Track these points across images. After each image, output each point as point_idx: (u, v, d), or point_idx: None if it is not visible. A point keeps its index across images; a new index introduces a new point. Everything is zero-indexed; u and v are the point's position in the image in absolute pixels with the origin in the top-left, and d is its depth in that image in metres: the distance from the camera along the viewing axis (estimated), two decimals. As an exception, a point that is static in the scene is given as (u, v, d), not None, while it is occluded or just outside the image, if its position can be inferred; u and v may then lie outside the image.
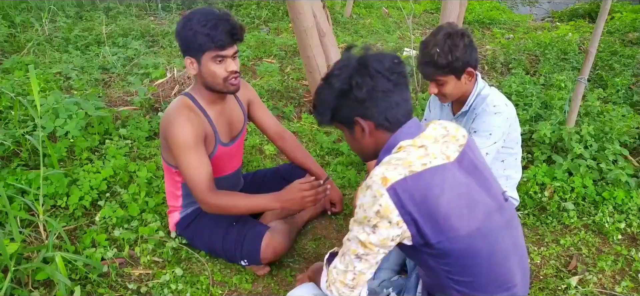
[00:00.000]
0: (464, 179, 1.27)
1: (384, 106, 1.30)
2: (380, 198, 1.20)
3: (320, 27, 3.53)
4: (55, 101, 2.87)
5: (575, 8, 7.36)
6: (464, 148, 1.33)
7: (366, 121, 1.33)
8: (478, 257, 1.25)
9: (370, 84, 1.28)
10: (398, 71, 1.30)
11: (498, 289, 1.30)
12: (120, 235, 2.17)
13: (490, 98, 1.94)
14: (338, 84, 1.31)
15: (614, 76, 3.99)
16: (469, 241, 1.23)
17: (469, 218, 1.23)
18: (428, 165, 1.23)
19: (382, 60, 1.30)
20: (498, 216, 1.30)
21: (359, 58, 1.31)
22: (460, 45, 1.83)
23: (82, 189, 2.39)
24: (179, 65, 4.16)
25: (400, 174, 1.21)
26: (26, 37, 4.92)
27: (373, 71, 1.28)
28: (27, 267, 1.85)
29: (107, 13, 6.17)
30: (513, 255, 1.32)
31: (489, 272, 1.28)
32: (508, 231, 1.32)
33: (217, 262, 2.10)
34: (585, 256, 2.15)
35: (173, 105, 1.90)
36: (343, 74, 1.31)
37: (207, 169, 1.84)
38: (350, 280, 1.32)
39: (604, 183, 2.52)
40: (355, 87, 1.28)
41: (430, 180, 1.22)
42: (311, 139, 3.21)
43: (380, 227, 1.22)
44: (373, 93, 1.28)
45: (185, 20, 1.79)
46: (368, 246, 1.26)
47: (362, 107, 1.31)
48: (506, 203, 1.36)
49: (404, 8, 6.61)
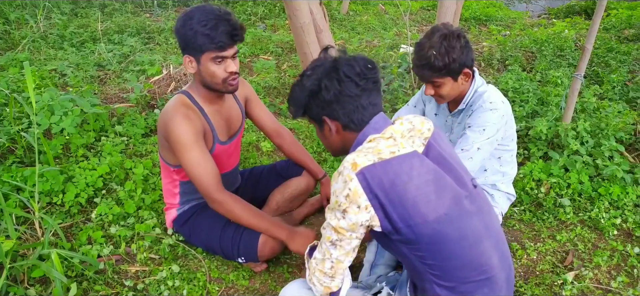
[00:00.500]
0: (431, 166, 1.31)
1: (349, 109, 1.36)
2: (350, 182, 1.25)
3: (317, 24, 3.52)
4: (51, 97, 2.86)
5: (571, 5, 7.38)
6: (430, 141, 1.38)
7: (333, 121, 1.39)
8: (448, 242, 1.29)
9: (338, 88, 1.34)
10: (369, 76, 1.36)
11: (473, 272, 1.32)
12: (116, 232, 2.17)
13: (487, 94, 1.94)
14: (309, 84, 1.38)
15: (610, 72, 4.00)
16: (436, 226, 1.27)
17: (436, 204, 1.27)
18: (396, 153, 1.29)
19: (353, 65, 1.35)
20: (467, 202, 1.33)
21: (332, 61, 1.37)
22: (457, 46, 1.82)
23: (77, 186, 2.38)
24: (175, 62, 4.15)
25: (370, 160, 1.26)
26: (21, 34, 4.89)
27: (342, 75, 1.34)
28: (22, 264, 1.84)
29: (103, 10, 6.14)
30: (486, 239, 1.35)
31: (461, 256, 1.30)
32: (478, 216, 1.35)
33: (214, 259, 2.10)
34: (581, 252, 2.16)
35: (171, 103, 1.89)
36: (314, 74, 1.38)
37: (212, 165, 1.83)
38: (329, 268, 1.37)
39: (600, 179, 2.53)
40: (323, 89, 1.35)
41: (398, 167, 1.26)
42: (308, 135, 3.21)
43: (349, 211, 1.27)
44: (340, 96, 1.35)
45: (185, 19, 1.76)
46: (340, 231, 1.31)
47: (330, 108, 1.37)
48: (476, 189, 1.40)
49: (401, 5, 6.61)
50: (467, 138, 1.90)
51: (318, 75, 1.37)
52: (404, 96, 3.58)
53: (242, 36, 1.80)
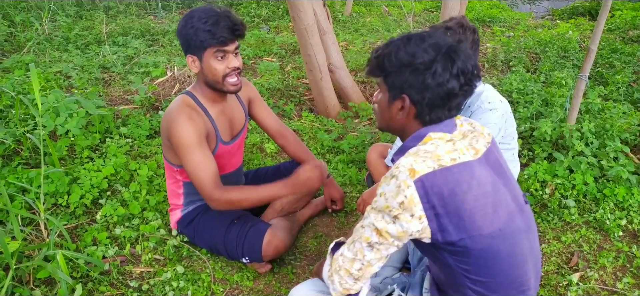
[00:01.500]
0: (490, 177, 1.24)
1: (438, 104, 1.23)
2: (407, 189, 1.16)
3: (321, 25, 3.53)
4: (56, 99, 2.87)
5: (575, 6, 7.36)
6: (490, 146, 1.31)
7: (411, 104, 1.25)
8: (498, 258, 1.23)
9: (446, 78, 1.20)
10: (473, 81, 1.24)
11: (513, 291, 1.28)
12: (121, 233, 2.17)
13: (485, 95, 1.94)
14: (419, 57, 1.20)
15: (615, 73, 3.99)
16: (490, 241, 1.20)
17: (492, 218, 1.20)
18: (457, 160, 1.20)
19: (467, 62, 1.22)
20: (519, 219, 1.27)
21: (450, 46, 1.22)
22: (470, 38, 1.84)
23: (83, 188, 2.39)
24: (179, 64, 4.16)
25: (429, 168, 1.17)
26: (26, 37, 4.92)
27: (457, 69, 1.20)
28: (28, 265, 1.85)
29: (107, 12, 6.17)
30: (529, 259, 1.30)
31: (507, 274, 1.25)
32: (527, 235, 1.30)
33: (218, 260, 2.10)
34: (586, 253, 2.15)
35: (174, 104, 1.90)
36: (430, 50, 1.20)
37: (212, 166, 1.84)
38: (357, 269, 1.28)
39: (604, 180, 2.52)
40: (431, 72, 1.20)
41: (458, 176, 1.18)
42: (312, 137, 3.21)
43: (401, 219, 1.18)
44: (441, 87, 1.20)
45: (186, 19, 1.79)
46: (384, 235, 1.22)
47: (419, 92, 1.22)
48: (526, 206, 1.34)
49: (404, 6, 6.61)
50: None
51: (433, 53, 1.20)
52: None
53: (243, 32, 1.82)
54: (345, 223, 2.37)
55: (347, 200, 2.49)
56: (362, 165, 2.84)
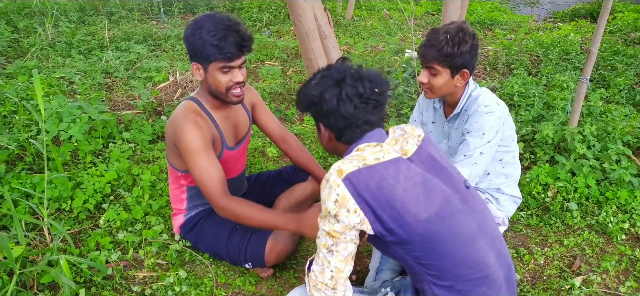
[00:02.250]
0: (419, 170, 1.34)
1: (342, 126, 1.40)
2: (337, 188, 1.29)
3: (322, 30, 3.54)
4: (59, 105, 2.89)
5: (576, 8, 7.36)
6: (421, 143, 1.42)
7: (326, 129, 1.45)
8: (440, 240, 1.30)
9: (335, 104, 1.38)
10: (371, 99, 1.39)
11: (469, 270, 1.32)
12: (124, 238, 2.18)
13: (482, 98, 1.95)
14: (312, 91, 1.43)
15: (617, 75, 3.98)
16: (428, 225, 1.29)
17: (426, 204, 1.30)
18: (381, 159, 1.32)
19: (357, 85, 1.38)
20: (458, 202, 1.36)
21: (338, 76, 1.40)
22: (469, 43, 1.85)
23: (86, 193, 2.40)
24: (182, 68, 4.18)
25: (355, 166, 1.30)
26: (29, 42, 4.95)
27: (343, 94, 1.37)
28: (32, 270, 1.86)
29: (110, 17, 6.20)
30: (480, 237, 1.36)
31: (454, 254, 1.31)
32: (471, 215, 1.36)
33: (220, 264, 2.11)
34: (589, 257, 2.15)
35: (180, 109, 1.90)
36: (320, 83, 1.42)
37: (219, 172, 1.84)
38: (329, 279, 1.36)
39: (607, 183, 2.52)
40: (323, 101, 1.40)
41: (383, 171, 1.30)
42: (314, 141, 3.22)
43: (340, 216, 1.30)
44: (336, 113, 1.39)
45: (195, 27, 1.76)
46: (334, 235, 1.33)
47: (326, 119, 1.43)
48: (468, 190, 1.42)
49: (405, 10, 6.62)
50: (468, 144, 1.90)
51: (322, 86, 1.41)
52: (408, 100, 3.58)
53: (251, 47, 1.81)
54: (347, 226, 2.37)
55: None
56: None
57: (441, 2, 7.11)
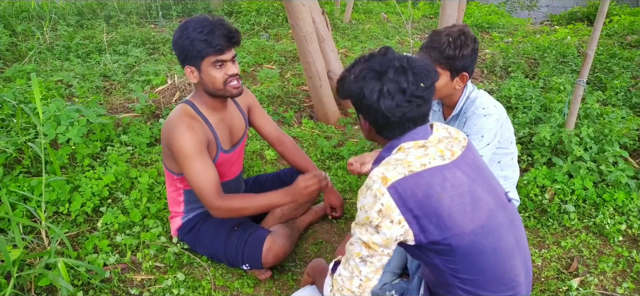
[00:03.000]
0: (465, 178, 1.28)
1: (382, 123, 1.32)
2: (382, 197, 1.21)
3: (320, 33, 3.55)
4: (57, 108, 2.89)
5: (573, 11, 7.40)
6: (466, 149, 1.35)
7: (366, 122, 1.37)
8: (483, 254, 1.25)
9: (375, 101, 1.28)
10: (415, 96, 1.28)
11: (502, 287, 1.30)
12: (122, 241, 2.18)
13: (479, 100, 1.96)
14: (352, 85, 1.32)
15: (613, 78, 4.00)
16: (474, 238, 1.23)
17: (472, 215, 1.24)
18: (427, 165, 1.25)
19: (400, 81, 1.26)
20: (501, 215, 1.30)
21: (380, 68, 1.29)
22: (470, 46, 1.86)
23: (84, 196, 2.40)
24: (180, 72, 4.18)
25: (400, 174, 1.22)
26: (27, 46, 4.95)
27: (384, 91, 1.27)
28: (29, 273, 1.85)
29: (108, 21, 6.20)
30: (516, 253, 1.33)
31: (494, 270, 1.28)
32: (511, 230, 1.32)
33: (218, 267, 2.11)
34: (586, 258, 2.15)
35: (174, 113, 1.91)
36: (360, 76, 1.31)
37: (213, 175, 1.85)
38: (357, 287, 1.31)
39: (604, 185, 2.53)
40: (363, 96, 1.30)
41: (430, 179, 1.23)
42: (312, 143, 3.22)
43: (382, 227, 1.22)
44: (377, 110, 1.29)
45: (181, 30, 1.80)
46: (372, 247, 1.26)
47: (366, 114, 1.34)
48: (509, 203, 1.37)
49: (403, 13, 6.64)
50: None
51: (363, 80, 1.31)
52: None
53: (239, 39, 1.83)
54: (345, 229, 2.38)
55: (347, 207, 2.49)
56: (362, 171, 2.85)
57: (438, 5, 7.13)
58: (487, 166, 1.43)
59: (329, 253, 2.22)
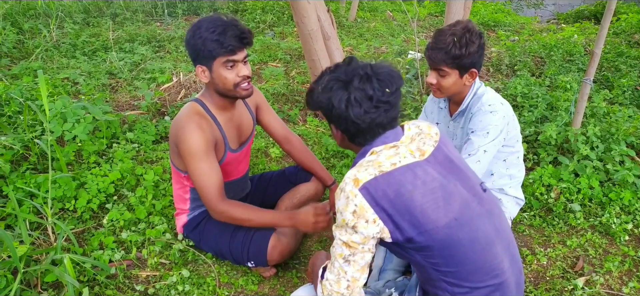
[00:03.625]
0: (437, 174, 1.31)
1: (353, 131, 1.35)
2: (354, 198, 1.26)
3: (325, 31, 3.54)
4: (63, 105, 2.90)
5: (580, 9, 7.35)
6: (438, 144, 1.38)
7: (338, 130, 1.41)
8: (460, 246, 1.28)
9: (344, 109, 1.32)
10: (382, 101, 1.32)
11: (485, 276, 1.31)
12: (127, 237, 2.19)
13: (486, 97, 1.95)
14: (321, 96, 1.37)
15: (620, 77, 3.97)
16: (448, 232, 1.26)
17: (445, 210, 1.27)
18: (398, 164, 1.28)
19: (366, 88, 1.31)
20: (476, 205, 1.33)
21: (346, 78, 1.33)
22: (476, 43, 1.85)
23: (89, 193, 2.41)
24: (185, 69, 4.20)
25: (371, 174, 1.26)
26: (34, 44, 4.98)
27: (352, 99, 1.31)
28: (36, 269, 1.87)
29: (114, 19, 6.23)
30: (497, 242, 1.34)
31: (473, 260, 1.30)
32: (489, 219, 1.34)
33: (223, 264, 2.11)
34: (592, 257, 2.14)
35: (183, 111, 1.91)
36: (328, 87, 1.35)
37: (218, 176, 1.85)
38: (345, 288, 1.34)
39: (610, 184, 2.51)
40: (332, 106, 1.34)
41: (401, 177, 1.26)
42: (317, 141, 3.22)
43: (358, 227, 1.27)
44: (346, 116, 1.33)
45: (194, 29, 1.79)
46: (352, 245, 1.30)
47: (337, 121, 1.38)
48: (485, 193, 1.39)
49: (409, 11, 6.62)
50: (472, 143, 1.90)
51: (330, 91, 1.35)
52: (412, 101, 3.58)
53: (251, 40, 1.83)
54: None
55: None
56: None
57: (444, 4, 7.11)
58: (462, 158, 1.45)
59: (334, 250, 2.22)
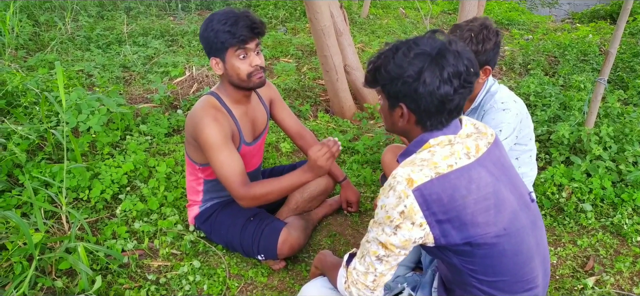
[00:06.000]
0: (490, 178, 1.24)
1: (434, 111, 1.23)
2: (406, 199, 1.18)
3: (338, 27, 3.55)
4: (78, 97, 2.95)
5: (595, 9, 7.25)
6: (492, 146, 1.32)
7: (410, 111, 1.27)
8: (503, 257, 1.24)
9: (436, 86, 1.19)
10: (468, 81, 1.22)
11: (520, 288, 1.29)
12: (140, 228, 2.22)
13: (499, 95, 1.94)
14: (407, 69, 1.21)
15: (635, 77, 3.92)
16: (495, 241, 1.21)
17: (496, 218, 1.21)
18: (454, 166, 1.21)
19: (458, 64, 1.20)
20: (524, 216, 1.28)
21: (437, 51, 1.20)
22: (492, 40, 1.84)
23: (103, 183, 2.45)
24: (198, 63, 4.23)
25: (427, 176, 1.18)
26: (50, 36, 5.05)
27: (446, 75, 1.19)
28: (50, 256, 1.91)
29: (128, 13, 6.29)
30: (536, 255, 1.31)
31: (514, 272, 1.26)
32: (533, 232, 1.31)
33: (233, 255, 2.14)
34: (602, 258, 2.13)
35: (199, 105, 1.93)
36: (417, 60, 1.21)
37: (239, 165, 1.87)
38: (371, 281, 1.32)
39: (623, 184, 2.49)
40: (421, 82, 1.20)
41: (456, 182, 1.19)
42: (327, 137, 3.23)
43: (402, 228, 1.21)
44: (433, 95, 1.20)
45: (206, 23, 1.83)
46: (389, 248, 1.25)
47: (413, 102, 1.24)
48: (532, 204, 1.35)
49: (422, 8, 6.59)
50: None
51: (420, 63, 1.20)
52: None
53: (263, 30, 1.84)
54: (360, 222, 2.39)
55: (361, 200, 2.50)
56: (377, 166, 2.86)
57: (458, 1, 7.06)
58: (512, 164, 1.40)
59: (343, 245, 2.23)
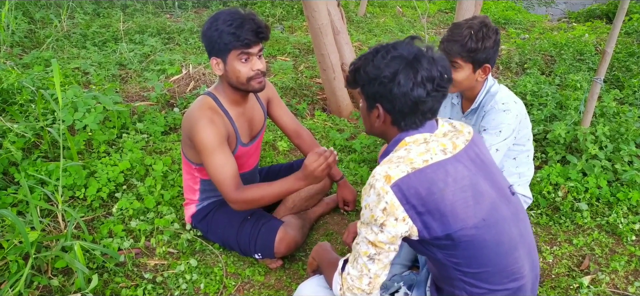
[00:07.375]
0: (467, 172, 1.29)
1: (408, 112, 1.30)
2: (385, 195, 1.23)
3: (335, 26, 3.55)
4: (74, 95, 2.93)
5: (592, 8, 7.27)
6: (470, 143, 1.36)
7: (385, 112, 1.34)
8: (485, 248, 1.26)
9: (409, 88, 1.27)
10: (441, 86, 1.29)
11: (505, 280, 1.31)
12: (136, 226, 2.22)
13: (499, 95, 1.95)
14: (384, 70, 1.29)
15: (631, 77, 3.94)
16: (475, 232, 1.25)
17: (474, 209, 1.25)
18: (430, 161, 1.26)
19: (431, 69, 1.28)
20: (504, 208, 1.31)
21: (413, 55, 1.28)
22: (492, 38, 1.85)
23: (99, 181, 2.44)
24: (194, 62, 4.22)
25: (403, 171, 1.23)
26: (45, 33, 5.02)
27: (419, 78, 1.27)
28: (46, 255, 1.90)
29: (124, 10, 6.26)
30: (521, 246, 1.33)
31: (497, 262, 1.29)
32: (515, 222, 1.33)
33: (230, 254, 2.14)
34: (598, 257, 2.14)
35: (196, 105, 1.92)
36: (393, 63, 1.29)
37: (233, 168, 1.86)
38: (367, 284, 1.33)
39: (618, 184, 2.50)
40: (395, 83, 1.28)
41: (433, 175, 1.24)
42: (324, 136, 3.23)
43: (387, 225, 1.24)
44: (407, 97, 1.28)
45: (211, 21, 1.80)
46: (378, 245, 1.27)
47: (389, 102, 1.31)
48: (513, 196, 1.38)
49: (419, 7, 6.60)
50: (484, 141, 1.90)
51: (396, 65, 1.28)
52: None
53: (267, 35, 1.83)
54: (356, 220, 2.39)
55: (358, 199, 2.50)
56: (374, 164, 2.86)
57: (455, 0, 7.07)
58: (492, 160, 1.43)
59: (340, 244, 2.23)
